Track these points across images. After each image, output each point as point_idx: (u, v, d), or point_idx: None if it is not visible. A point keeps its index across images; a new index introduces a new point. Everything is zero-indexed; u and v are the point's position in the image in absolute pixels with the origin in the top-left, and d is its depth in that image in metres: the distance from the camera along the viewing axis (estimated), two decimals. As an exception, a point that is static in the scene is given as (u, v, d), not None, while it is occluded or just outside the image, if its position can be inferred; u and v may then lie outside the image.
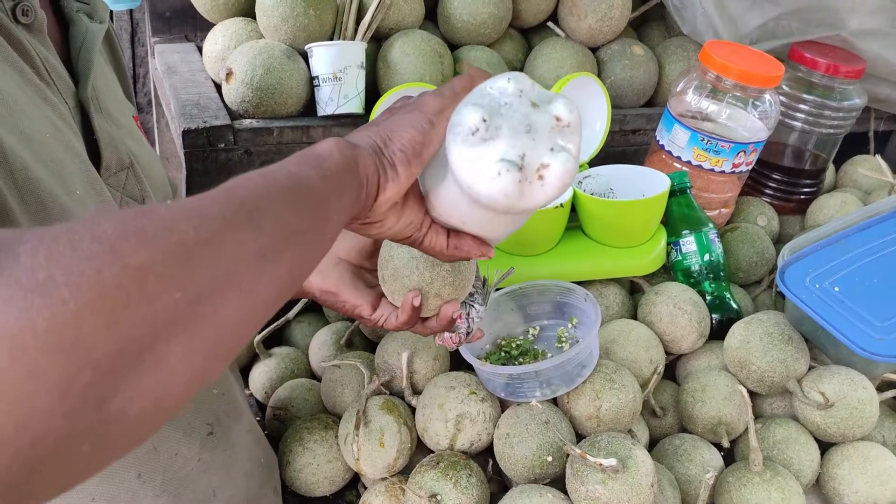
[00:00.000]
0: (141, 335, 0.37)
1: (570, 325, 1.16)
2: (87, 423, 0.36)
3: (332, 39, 1.39)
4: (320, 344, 1.26)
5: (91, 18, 0.80)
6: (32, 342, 0.34)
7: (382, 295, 0.91)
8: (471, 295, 0.92)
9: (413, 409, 1.09)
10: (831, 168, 1.68)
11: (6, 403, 0.34)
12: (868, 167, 1.65)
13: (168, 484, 0.80)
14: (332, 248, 0.91)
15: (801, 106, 1.53)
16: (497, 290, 1.19)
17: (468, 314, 0.91)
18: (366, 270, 0.95)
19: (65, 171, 0.68)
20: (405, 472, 1.05)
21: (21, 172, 0.63)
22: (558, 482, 1.00)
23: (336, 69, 1.31)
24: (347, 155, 0.61)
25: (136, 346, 0.37)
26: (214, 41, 1.41)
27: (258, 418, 1.22)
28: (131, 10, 2.40)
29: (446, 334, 0.91)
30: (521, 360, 1.11)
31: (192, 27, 1.63)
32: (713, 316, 1.26)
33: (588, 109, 1.39)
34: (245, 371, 1.30)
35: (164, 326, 0.39)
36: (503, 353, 1.12)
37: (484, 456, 1.07)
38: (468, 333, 0.92)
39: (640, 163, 1.47)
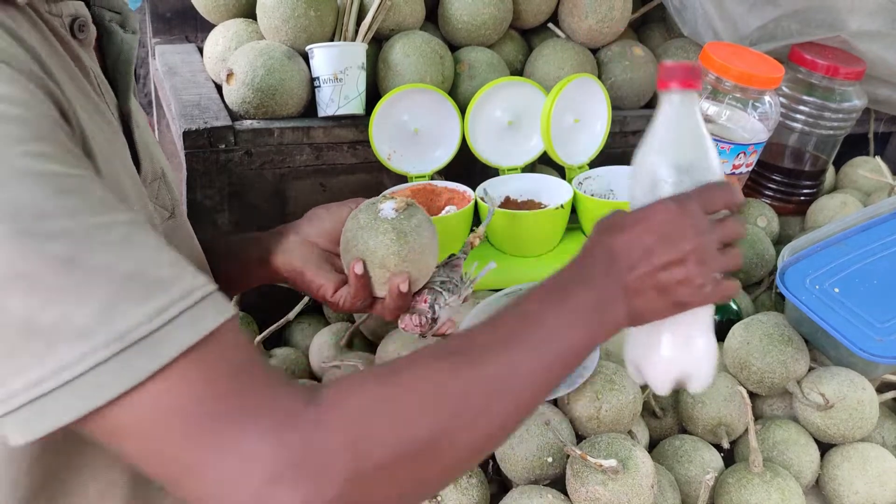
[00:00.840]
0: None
1: (570, 326, 1.16)
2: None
3: (332, 40, 1.39)
4: (320, 345, 1.26)
5: (123, 28, 0.79)
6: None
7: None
8: (442, 283, 0.91)
9: (413, 410, 1.09)
10: (831, 169, 1.68)
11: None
12: (868, 168, 1.65)
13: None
14: (303, 231, 0.92)
15: (801, 107, 1.53)
16: (495, 290, 1.19)
17: (434, 300, 0.89)
18: (335, 255, 0.94)
19: (124, 187, 0.68)
20: (405, 473, 1.05)
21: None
22: (558, 483, 1.00)
23: (337, 70, 1.31)
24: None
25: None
26: (215, 42, 1.42)
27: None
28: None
29: (407, 317, 0.88)
30: (521, 360, 1.11)
31: (193, 28, 1.63)
32: (713, 317, 1.26)
33: (588, 111, 1.39)
34: (245, 371, 1.30)
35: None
36: (503, 354, 1.12)
37: (484, 457, 1.07)
38: (434, 321, 0.89)
39: (641, 164, 1.47)
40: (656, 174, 0.78)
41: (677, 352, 0.81)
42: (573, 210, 1.30)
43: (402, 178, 1.38)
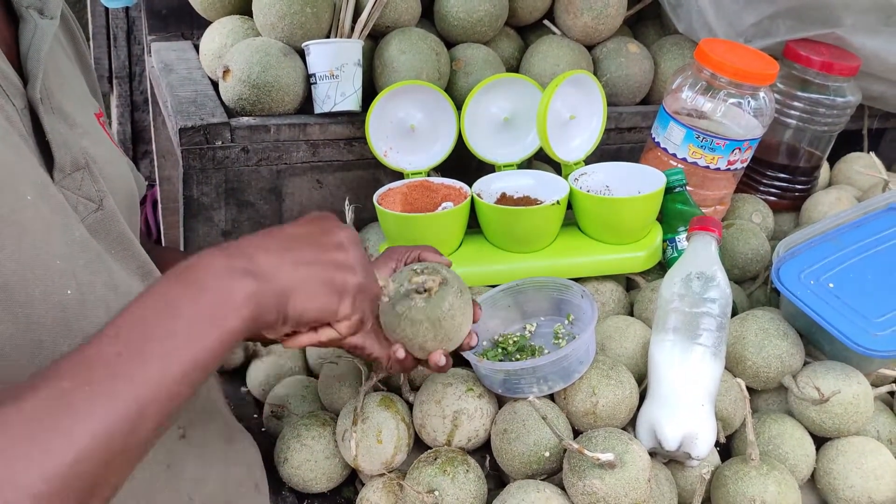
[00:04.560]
0: None
1: (566, 322, 1.17)
2: None
3: (329, 37, 1.39)
4: (318, 341, 1.26)
5: (42, 14, 0.78)
6: None
7: None
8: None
9: (411, 406, 1.09)
10: (825, 165, 1.68)
11: None
12: (862, 164, 1.66)
13: (134, 499, 0.78)
14: None
15: (796, 103, 1.54)
16: (492, 286, 1.19)
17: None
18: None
19: (13, 176, 0.67)
20: (403, 469, 1.06)
21: None
22: (555, 477, 1.01)
23: (333, 67, 1.31)
24: None
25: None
26: (211, 39, 1.41)
27: (255, 416, 1.22)
28: (127, 8, 2.40)
29: None
30: (518, 356, 1.11)
31: (189, 25, 1.62)
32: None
33: (584, 107, 1.39)
34: (242, 369, 1.30)
35: None
36: (500, 350, 1.12)
37: (481, 452, 1.07)
38: None
39: (636, 160, 1.47)
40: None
41: (691, 412, 1.00)
42: (569, 206, 1.30)
43: (399, 175, 1.38)
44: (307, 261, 0.69)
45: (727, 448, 1.13)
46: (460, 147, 1.39)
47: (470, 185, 1.30)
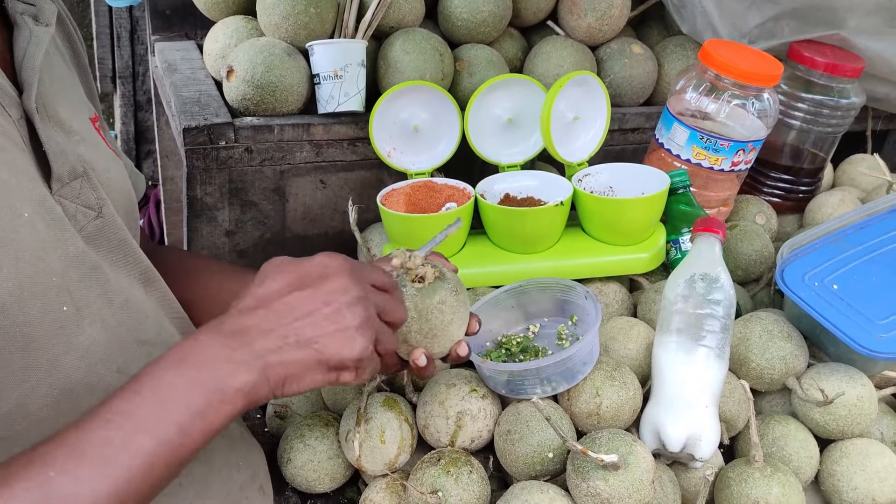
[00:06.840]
0: None
1: (570, 323, 1.17)
2: None
3: (332, 37, 1.39)
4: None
5: (36, 21, 0.77)
6: None
7: None
8: None
9: (414, 406, 1.09)
10: (829, 167, 1.68)
11: None
12: (866, 166, 1.66)
13: None
14: None
15: (800, 104, 1.53)
16: (495, 287, 1.19)
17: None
18: None
19: (10, 192, 0.66)
20: (406, 469, 1.06)
21: None
22: (559, 479, 1.01)
23: (337, 67, 1.31)
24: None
25: None
26: (215, 39, 1.42)
27: (258, 416, 1.22)
28: (131, 8, 2.40)
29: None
30: (521, 357, 1.11)
31: (193, 25, 1.63)
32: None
33: (587, 108, 1.39)
34: (245, 368, 1.30)
35: None
36: (504, 351, 1.12)
37: (485, 453, 1.07)
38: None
39: (639, 161, 1.47)
40: None
41: (695, 414, 1.00)
42: (573, 207, 1.30)
43: (402, 176, 1.38)
44: (307, 340, 0.69)
45: (731, 450, 1.13)
46: (464, 148, 1.39)
47: (473, 186, 1.30)
